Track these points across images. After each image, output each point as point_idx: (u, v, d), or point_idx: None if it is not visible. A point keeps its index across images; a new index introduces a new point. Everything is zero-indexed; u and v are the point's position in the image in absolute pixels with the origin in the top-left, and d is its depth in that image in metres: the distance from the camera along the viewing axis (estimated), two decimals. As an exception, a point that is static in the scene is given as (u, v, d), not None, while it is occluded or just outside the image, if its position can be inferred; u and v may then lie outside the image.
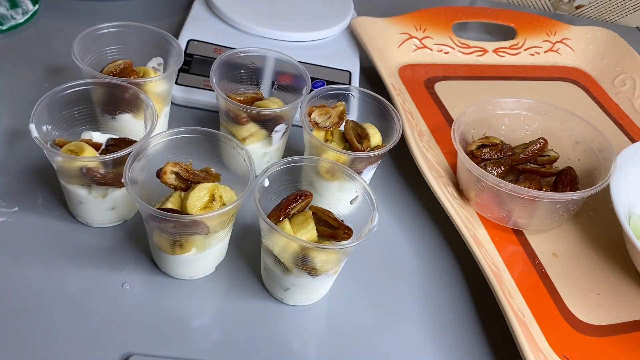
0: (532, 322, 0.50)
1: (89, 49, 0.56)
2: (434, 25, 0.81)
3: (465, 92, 0.76)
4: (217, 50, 0.69)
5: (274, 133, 0.57)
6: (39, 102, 0.48)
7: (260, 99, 0.57)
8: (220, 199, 0.46)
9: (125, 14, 0.78)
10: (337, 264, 0.46)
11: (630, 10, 1.03)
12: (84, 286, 0.47)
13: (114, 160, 0.47)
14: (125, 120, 0.54)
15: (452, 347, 0.49)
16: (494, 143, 0.61)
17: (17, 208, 0.52)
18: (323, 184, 0.51)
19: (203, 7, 0.76)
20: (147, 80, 0.54)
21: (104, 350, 0.43)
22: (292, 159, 0.49)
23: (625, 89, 0.80)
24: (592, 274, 0.56)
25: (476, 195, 0.58)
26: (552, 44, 0.86)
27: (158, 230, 0.46)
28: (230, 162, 0.50)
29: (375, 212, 0.45)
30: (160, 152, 0.48)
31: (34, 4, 0.74)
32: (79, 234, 0.51)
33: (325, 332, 0.48)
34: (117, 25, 0.58)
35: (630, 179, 0.58)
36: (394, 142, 0.54)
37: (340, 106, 0.57)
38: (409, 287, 0.53)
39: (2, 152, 0.56)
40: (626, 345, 0.50)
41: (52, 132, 0.50)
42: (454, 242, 0.57)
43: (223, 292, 0.49)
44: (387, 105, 0.57)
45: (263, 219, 0.43)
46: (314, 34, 0.75)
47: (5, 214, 0.51)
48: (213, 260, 0.50)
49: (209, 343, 0.45)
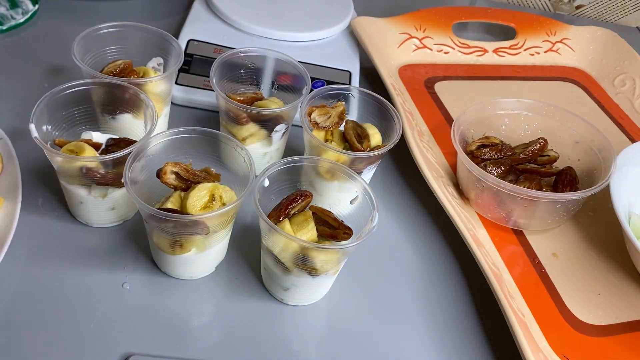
0: (532, 322, 0.50)
1: (89, 49, 0.56)
2: (434, 25, 0.81)
3: (465, 92, 0.76)
4: (217, 50, 0.69)
5: (273, 133, 0.57)
6: (39, 102, 0.48)
7: (260, 99, 0.57)
8: (220, 199, 0.46)
9: (125, 14, 0.78)
10: (337, 264, 0.46)
11: (630, 10, 1.03)
12: (84, 286, 0.47)
13: (114, 160, 0.47)
14: (125, 120, 0.54)
15: (452, 347, 0.49)
16: (494, 143, 0.61)
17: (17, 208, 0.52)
18: (323, 184, 0.51)
19: (203, 7, 0.76)
20: (147, 80, 0.54)
21: (104, 350, 0.43)
22: (292, 159, 0.49)
23: (625, 89, 0.80)
24: (592, 274, 0.56)
25: (476, 195, 0.58)
26: (552, 44, 0.86)
27: (158, 230, 0.46)
28: (230, 162, 0.50)
29: (375, 212, 0.45)
30: (160, 152, 0.48)
31: (34, 4, 0.74)
32: (79, 234, 0.51)
33: (325, 332, 0.48)
34: (117, 25, 0.58)
35: (630, 179, 0.58)
36: (393, 142, 0.54)
37: (340, 106, 0.57)
38: (409, 287, 0.53)
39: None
40: (626, 345, 0.50)
41: (52, 132, 0.50)
42: (454, 242, 0.57)
43: (223, 292, 0.49)
44: (387, 105, 0.57)
45: (263, 219, 0.43)
46: (314, 34, 0.75)
47: (5, 214, 0.51)
48: (213, 260, 0.50)
49: (209, 343, 0.46)
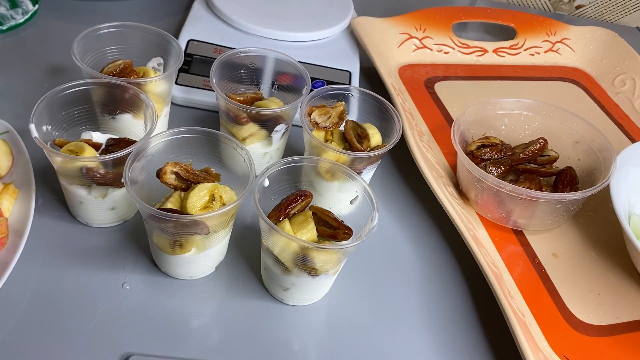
0: (532, 322, 0.50)
1: (89, 49, 0.56)
2: (434, 25, 0.81)
3: (465, 92, 0.76)
4: (217, 50, 0.69)
5: (273, 133, 0.57)
6: (39, 102, 0.48)
7: (260, 99, 0.57)
8: (220, 199, 0.46)
9: (125, 14, 0.78)
10: (337, 264, 0.46)
11: (630, 10, 1.03)
12: (84, 286, 0.47)
13: (114, 160, 0.47)
14: (125, 120, 0.54)
15: (452, 346, 0.49)
16: (493, 143, 0.61)
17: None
18: (323, 184, 0.51)
19: (203, 7, 0.76)
20: (147, 80, 0.54)
21: (104, 350, 0.43)
22: (292, 159, 0.49)
23: (625, 89, 0.80)
24: (592, 274, 0.56)
25: (476, 195, 0.58)
26: (552, 44, 0.86)
27: (158, 231, 0.46)
28: (230, 162, 0.50)
29: (375, 212, 0.45)
30: (160, 152, 0.48)
31: (34, 4, 0.74)
32: (79, 234, 0.51)
33: (325, 332, 0.48)
34: (117, 25, 0.58)
35: (630, 179, 0.58)
36: (393, 142, 0.54)
37: (340, 106, 0.57)
38: (409, 287, 0.53)
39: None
40: (626, 345, 0.50)
41: (52, 132, 0.50)
42: (454, 242, 0.57)
43: (223, 292, 0.49)
44: (387, 105, 0.57)
45: (263, 219, 0.43)
46: (314, 34, 0.75)
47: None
48: (213, 260, 0.50)
49: (209, 343, 0.46)
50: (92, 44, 0.57)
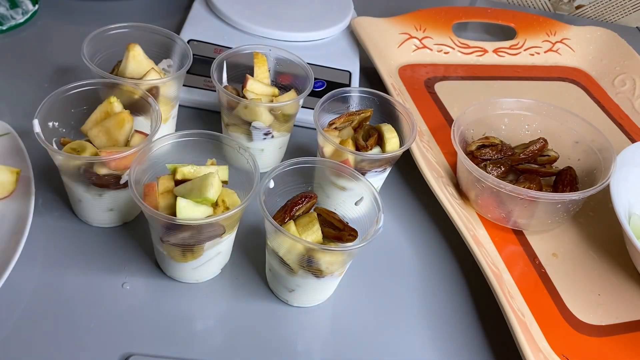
0: (532, 322, 0.50)
1: (98, 50, 0.56)
2: (434, 25, 0.81)
3: (465, 92, 0.76)
4: (217, 50, 0.69)
5: (252, 128, 0.56)
6: (47, 98, 0.48)
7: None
8: (223, 203, 0.45)
9: (125, 14, 0.78)
10: (343, 266, 0.46)
11: (630, 10, 1.03)
12: (84, 286, 0.47)
13: (110, 164, 0.46)
14: (135, 121, 0.53)
15: (452, 346, 0.49)
16: (493, 143, 0.61)
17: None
18: (332, 186, 0.51)
19: (203, 7, 0.76)
20: (155, 82, 0.53)
21: (104, 350, 0.43)
22: (296, 160, 0.48)
23: (625, 89, 0.81)
24: (592, 274, 0.56)
25: (476, 195, 0.58)
26: (552, 44, 0.86)
27: (172, 239, 0.45)
28: (234, 164, 0.49)
29: (381, 213, 0.45)
30: (164, 155, 0.48)
31: (34, 4, 0.74)
32: (79, 234, 0.51)
33: (330, 333, 0.48)
34: (126, 25, 0.58)
35: (630, 179, 0.58)
36: (397, 152, 0.53)
37: (368, 112, 0.56)
38: (411, 288, 0.53)
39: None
40: (626, 345, 0.50)
41: (59, 129, 0.50)
42: (454, 242, 0.57)
43: (228, 293, 0.49)
44: (408, 114, 0.56)
45: (269, 221, 0.43)
46: (314, 34, 0.75)
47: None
48: (219, 263, 0.50)
49: (212, 344, 0.45)
50: (101, 44, 0.56)
